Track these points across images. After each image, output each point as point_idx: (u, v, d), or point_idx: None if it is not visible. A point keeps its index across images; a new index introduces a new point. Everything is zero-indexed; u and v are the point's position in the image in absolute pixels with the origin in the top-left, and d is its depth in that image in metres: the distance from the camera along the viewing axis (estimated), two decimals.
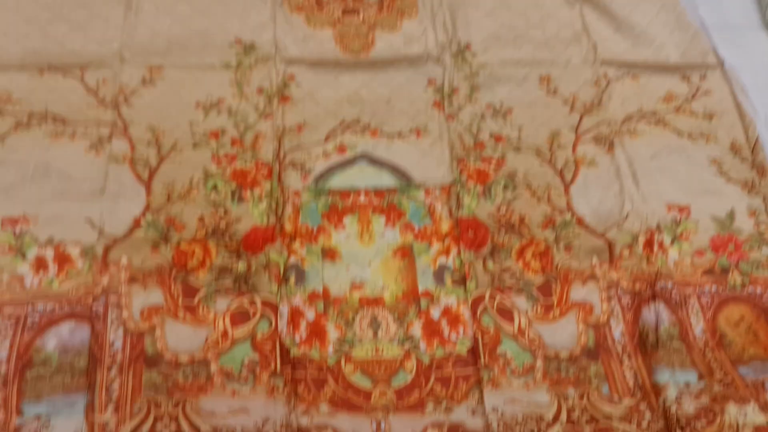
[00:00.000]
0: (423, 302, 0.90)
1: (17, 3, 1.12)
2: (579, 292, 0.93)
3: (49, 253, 0.88)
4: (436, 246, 0.94)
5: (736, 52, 1.20)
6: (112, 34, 1.10)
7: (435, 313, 0.89)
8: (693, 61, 1.18)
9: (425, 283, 0.91)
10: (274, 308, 0.87)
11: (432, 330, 0.87)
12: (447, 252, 0.93)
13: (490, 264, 0.93)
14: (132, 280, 0.87)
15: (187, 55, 1.09)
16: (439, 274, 0.92)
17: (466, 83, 1.11)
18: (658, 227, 0.98)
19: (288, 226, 0.94)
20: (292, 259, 0.91)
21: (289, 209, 0.95)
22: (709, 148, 1.08)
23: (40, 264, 0.87)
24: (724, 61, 1.18)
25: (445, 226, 0.96)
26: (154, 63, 1.07)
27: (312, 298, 0.89)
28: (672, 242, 0.97)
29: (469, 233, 0.95)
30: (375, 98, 1.08)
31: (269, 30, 1.13)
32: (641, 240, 0.96)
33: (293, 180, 0.98)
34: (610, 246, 0.96)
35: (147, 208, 0.93)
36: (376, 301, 0.89)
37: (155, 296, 0.86)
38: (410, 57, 1.13)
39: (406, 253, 0.93)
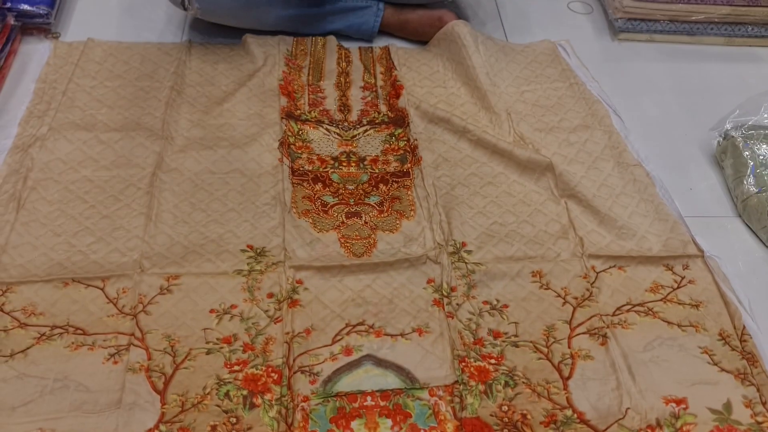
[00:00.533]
0: None
1: (47, 216, 1.22)
2: None
3: None
4: None
5: (715, 241, 1.29)
6: (134, 244, 1.19)
7: None
8: (674, 252, 1.26)
9: None
10: None
11: None
12: None
13: None
14: None
15: (203, 262, 1.17)
16: None
17: (464, 281, 1.18)
18: (658, 423, 1.00)
19: None
20: None
21: (298, 416, 0.97)
22: (699, 338, 1.13)
23: None
24: (704, 251, 1.26)
25: (450, 427, 0.98)
26: (171, 271, 1.15)
27: None
28: None
29: None
30: (378, 299, 1.14)
31: (279, 235, 1.22)
32: None
33: (302, 384, 1.01)
34: None
35: (161, 419, 0.96)
36: None
37: None
38: (410, 258, 1.20)
39: None
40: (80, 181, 1.29)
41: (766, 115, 1.44)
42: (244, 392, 1.00)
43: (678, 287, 1.21)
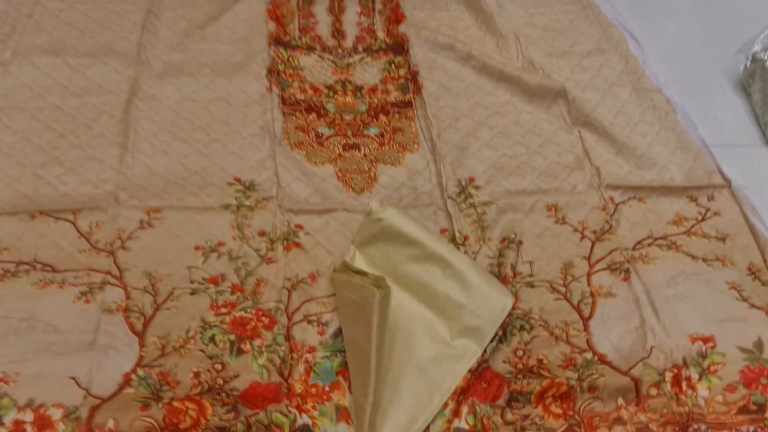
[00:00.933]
0: None
1: (11, 146, 1.10)
2: None
3: (28, 417, 0.80)
4: (451, 405, 0.87)
5: (741, 171, 1.19)
6: (108, 175, 1.08)
7: None
8: (699, 182, 1.16)
9: None
10: None
11: None
12: (458, 413, 0.86)
13: (508, 415, 0.86)
14: None
15: (186, 195, 1.06)
16: None
17: (476, 226, 1.08)
18: (685, 362, 0.92)
19: (298, 387, 0.86)
20: (303, 419, 0.84)
21: (300, 368, 0.88)
22: (726, 272, 1.04)
23: (18, 430, 0.79)
24: (731, 181, 1.16)
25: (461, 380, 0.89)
26: (152, 205, 1.04)
27: None
28: (700, 378, 0.91)
29: (483, 384, 0.88)
30: None
31: (269, 168, 1.12)
32: (668, 377, 0.90)
33: (309, 335, 0.92)
34: (637, 384, 0.89)
35: (139, 362, 0.86)
36: None
37: None
38: (419, 206, 1.10)
39: None
40: (48, 109, 1.17)
41: None
42: (231, 337, 0.91)
43: (703, 219, 1.11)
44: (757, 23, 1.39)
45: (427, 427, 0.84)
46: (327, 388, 0.87)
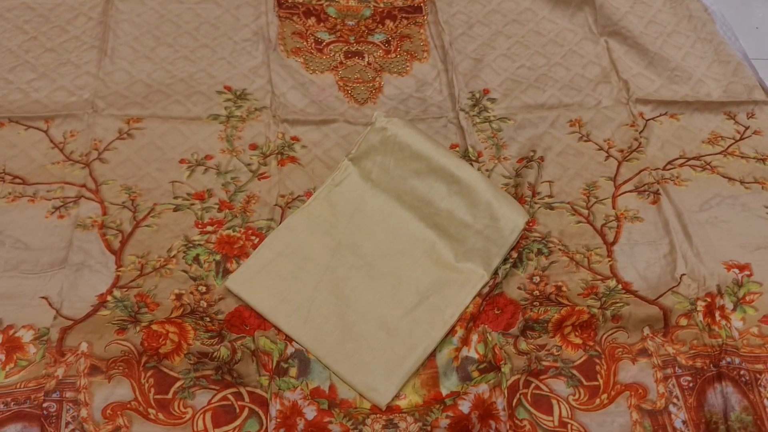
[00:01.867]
0: (448, 401, 0.74)
1: None
2: (629, 371, 0.77)
3: None
4: (460, 333, 0.79)
5: None
6: (84, 81, 0.99)
7: (464, 406, 0.73)
8: (738, 98, 1.06)
9: (449, 385, 0.76)
10: (266, 403, 0.72)
11: (461, 428, 0.72)
12: (467, 341, 0.78)
13: (522, 344, 0.78)
14: (93, 370, 0.72)
15: (170, 104, 0.97)
16: (462, 371, 0.77)
17: (491, 142, 0.98)
18: (719, 290, 0.83)
19: None
20: (294, 346, 0.76)
21: None
22: (766, 196, 0.95)
23: None
24: None
25: (470, 306, 0.81)
26: (132, 113, 0.95)
27: (315, 394, 0.73)
28: (734, 308, 0.83)
29: (495, 311, 0.80)
30: None
31: (262, 76, 1.02)
32: (701, 307, 0.82)
33: None
34: (666, 314, 0.81)
35: (115, 282, 0.79)
36: (390, 410, 0.74)
37: (122, 390, 0.71)
38: (427, 119, 1.00)
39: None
40: (18, 9, 1.07)
41: None
42: (217, 257, 0.83)
43: (741, 138, 1.02)
44: None
45: (433, 356, 0.77)
46: None
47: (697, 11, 1.17)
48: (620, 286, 0.84)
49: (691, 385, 0.77)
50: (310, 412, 0.72)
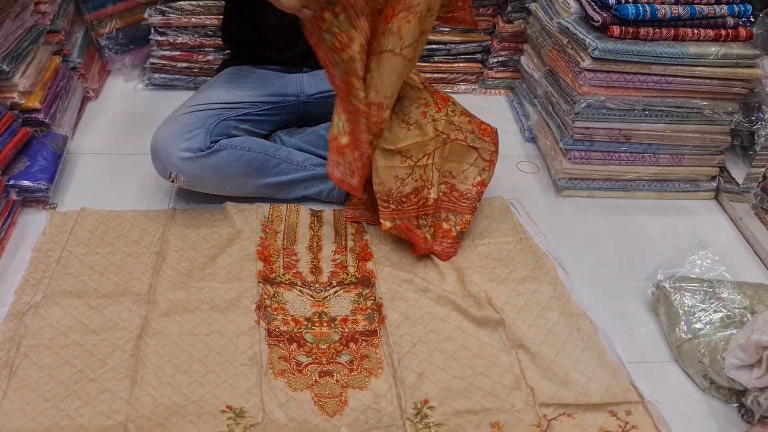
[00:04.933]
0: None
1: (37, 381, 1.31)
2: None
3: None
4: None
5: (655, 385, 1.41)
6: (118, 406, 1.27)
7: None
8: (616, 398, 1.37)
9: None
10: None
11: None
12: None
13: None
14: None
15: (185, 424, 1.25)
16: None
17: None
18: None
19: None
20: None
21: None
22: None
23: None
24: (644, 396, 1.38)
25: None
26: None
27: None
28: None
29: None
30: None
31: (255, 395, 1.32)
32: None
33: None
34: None
35: None
36: None
37: None
38: (381, 426, 1.29)
39: None
40: (70, 346, 1.39)
41: (690, 268, 1.62)
42: None
43: None
44: (662, 251, 1.72)
45: None
46: None
47: (584, 325, 1.53)
48: None
49: None
50: None
